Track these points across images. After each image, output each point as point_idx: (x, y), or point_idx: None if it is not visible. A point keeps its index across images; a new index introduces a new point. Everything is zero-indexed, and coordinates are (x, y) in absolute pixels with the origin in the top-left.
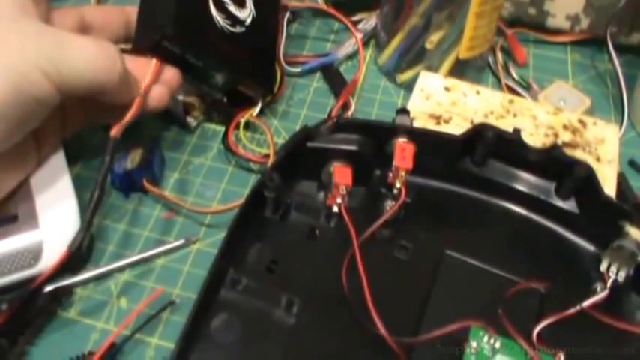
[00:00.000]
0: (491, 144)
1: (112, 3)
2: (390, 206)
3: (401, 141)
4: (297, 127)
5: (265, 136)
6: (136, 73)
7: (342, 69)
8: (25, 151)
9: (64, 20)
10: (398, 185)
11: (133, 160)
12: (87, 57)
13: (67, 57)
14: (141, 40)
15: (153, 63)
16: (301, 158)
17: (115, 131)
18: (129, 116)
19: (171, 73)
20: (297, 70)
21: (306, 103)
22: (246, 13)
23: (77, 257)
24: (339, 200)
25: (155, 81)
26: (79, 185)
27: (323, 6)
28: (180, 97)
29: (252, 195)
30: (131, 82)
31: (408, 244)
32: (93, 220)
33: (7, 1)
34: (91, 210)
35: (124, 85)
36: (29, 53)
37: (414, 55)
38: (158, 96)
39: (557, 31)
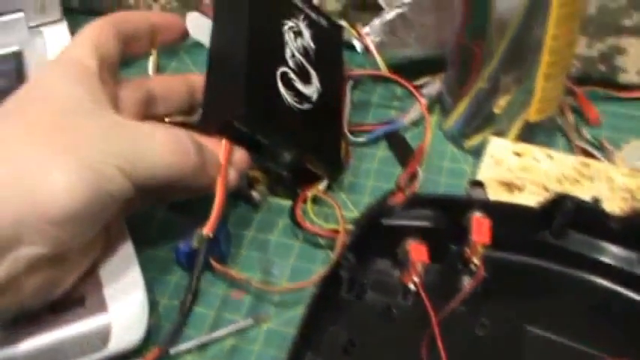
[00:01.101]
0: (570, 215)
1: (171, 71)
2: (467, 282)
3: (477, 215)
4: (365, 199)
5: (333, 209)
6: (209, 152)
7: (407, 136)
8: (93, 238)
9: (131, 95)
10: (475, 260)
11: (200, 238)
12: (161, 151)
13: (142, 152)
14: (208, 120)
15: (223, 144)
16: (376, 236)
17: (208, 229)
18: (216, 211)
19: (240, 154)
20: (362, 139)
21: (372, 174)
22: (313, 89)
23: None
24: (415, 278)
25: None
26: (144, 263)
27: (385, 72)
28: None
29: (326, 276)
30: (207, 167)
31: (488, 321)
32: (186, 320)
33: (79, 92)
34: (184, 311)
35: (199, 173)
36: (105, 149)
37: (481, 120)
38: (230, 179)
39: (630, 87)
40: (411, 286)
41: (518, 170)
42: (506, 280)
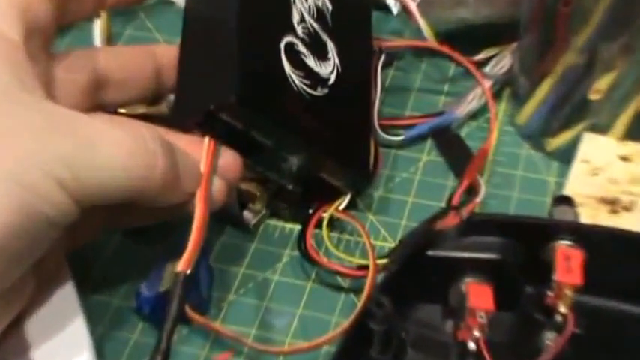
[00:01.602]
0: None
1: (128, 42)
2: (551, 340)
3: (563, 244)
4: (403, 223)
5: (358, 236)
6: (185, 158)
7: (463, 133)
8: (19, 280)
9: (72, 76)
10: (562, 309)
11: (168, 278)
12: (117, 155)
13: (89, 157)
14: (183, 110)
15: (205, 145)
16: (419, 273)
17: (183, 265)
18: (195, 240)
19: (229, 160)
20: (399, 138)
21: (413, 187)
22: (330, 68)
23: None
24: (476, 332)
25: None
26: (92, 314)
27: (432, 43)
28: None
29: (352, 329)
30: (180, 178)
31: None
32: None
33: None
34: None
35: (170, 186)
36: (36, 154)
37: (571, 110)
38: (214, 193)
39: None
40: (470, 345)
41: (625, 182)
42: (607, 337)
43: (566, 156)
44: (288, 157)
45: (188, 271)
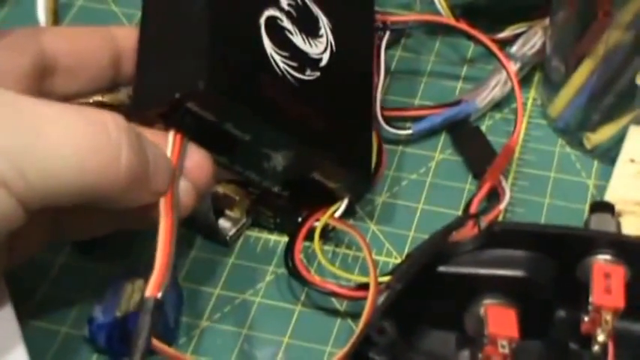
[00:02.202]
0: None
1: (77, 21)
2: None
3: (602, 260)
4: (411, 235)
5: (357, 250)
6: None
7: (483, 127)
8: None
9: (13, 60)
10: (601, 338)
11: (129, 298)
12: (72, 147)
13: (39, 149)
14: (145, 99)
15: (170, 141)
16: (430, 294)
17: (153, 290)
18: (164, 256)
19: (198, 159)
20: (406, 132)
21: (423, 191)
22: (322, 47)
23: None
24: None
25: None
26: (35, 343)
27: (447, 18)
28: None
29: (350, 358)
30: (150, 175)
31: None
32: None
33: None
34: None
35: (138, 181)
36: None
37: (614, 99)
38: (181, 198)
39: None
40: None
41: None
42: None
43: (608, 154)
44: (272, 154)
45: (159, 296)
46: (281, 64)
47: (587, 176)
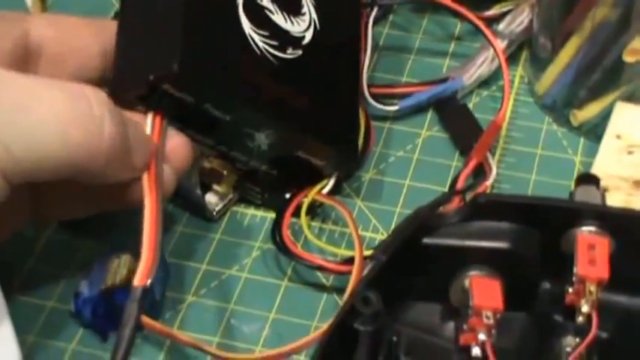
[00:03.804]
0: None
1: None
2: (571, 345)
3: (586, 231)
4: (397, 211)
5: (344, 226)
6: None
7: (470, 104)
8: None
9: None
10: (585, 309)
11: (115, 273)
12: (55, 120)
13: (18, 122)
14: (124, 83)
15: (148, 123)
16: (415, 266)
17: (142, 279)
18: (150, 245)
19: (177, 142)
20: (393, 108)
21: (410, 168)
22: (304, 25)
23: None
24: (481, 336)
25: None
26: (20, 319)
27: None
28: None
29: (333, 330)
30: (131, 149)
31: None
32: None
33: None
34: None
35: (119, 156)
36: None
37: (601, 76)
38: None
39: None
40: (474, 350)
41: None
42: (637, 341)
43: (595, 131)
44: (255, 133)
45: (148, 284)
46: (260, 44)
47: (574, 153)
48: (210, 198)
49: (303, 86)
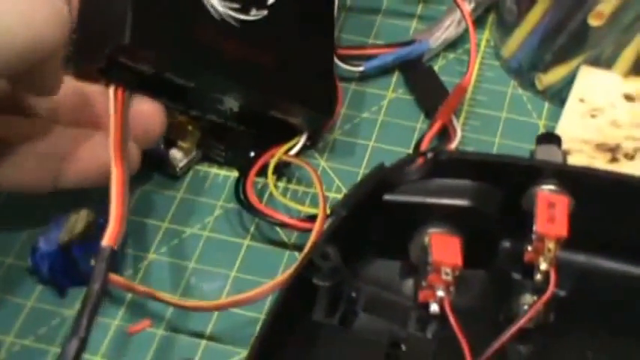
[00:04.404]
0: None
1: None
2: (529, 303)
3: (547, 190)
4: (360, 171)
5: (308, 185)
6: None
7: (436, 67)
8: None
9: None
10: (543, 266)
11: (72, 227)
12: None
13: None
14: (82, 58)
15: (111, 94)
16: (374, 222)
17: (109, 240)
18: (118, 210)
19: (147, 107)
20: (359, 69)
21: (375, 129)
22: None
23: None
24: (439, 292)
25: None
26: None
27: None
28: None
29: (291, 284)
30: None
31: None
32: None
33: None
34: None
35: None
36: None
37: (566, 40)
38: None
39: None
40: (433, 307)
41: (629, 125)
42: (597, 301)
43: (559, 95)
44: (223, 97)
45: (115, 247)
46: (220, 8)
47: (538, 117)
48: (175, 154)
49: (269, 47)
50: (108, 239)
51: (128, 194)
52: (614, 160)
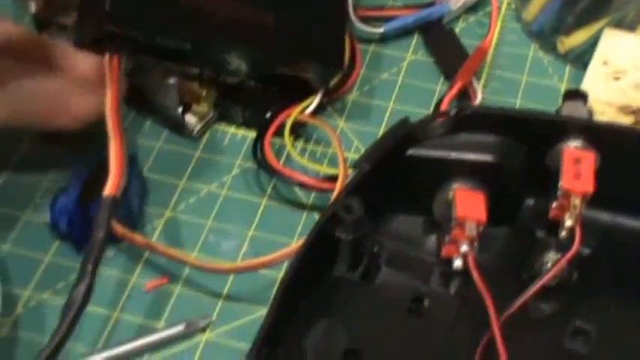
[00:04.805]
0: None
1: None
2: (553, 260)
3: (573, 146)
4: (380, 132)
5: (326, 146)
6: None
7: (456, 29)
8: None
9: None
10: (568, 223)
11: (91, 186)
12: None
13: None
14: (79, 30)
15: (106, 61)
16: (398, 177)
17: (111, 189)
18: (117, 161)
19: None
20: (379, 31)
21: (394, 91)
22: None
23: None
24: (464, 248)
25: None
26: None
27: None
28: (172, 81)
29: (314, 237)
30: None
31: (589, 327)
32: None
33: None
34: (70, 314)
35: None
36: None
37: (590, 2)
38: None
39: None
40: (456, 262)
41: None
42: (623, 259)
43: (581, 58)
44: (225, 57)
45: (117, 196)
46: None
47: (559, 80)
48: (190, 118)
49: (266, 4)
50: (109, 189)
51: (125, 149)
52: (637, 122)
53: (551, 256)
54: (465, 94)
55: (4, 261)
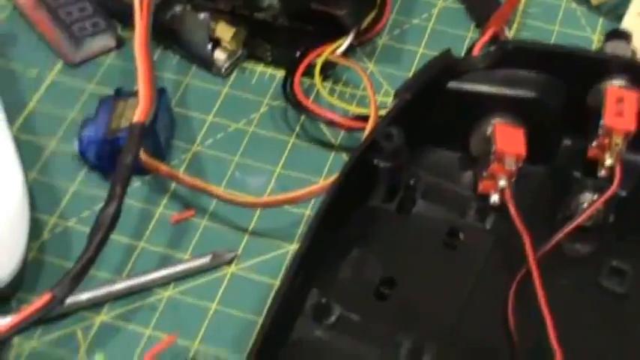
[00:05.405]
0: None
1: None
2: (589, 201)
3: (616, 84)
4: (410, 75)
5: (355, 87)
6: None
7: None
8: None
9: None
10: (608, 162)
11: (119, 117)
12: None
13: None
14: None
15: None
16: (437, 110)
17: (141, 116)
18: (146, 87)
19: None
20: None
21: (425, 36)
22: None
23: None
24: (501, 183)
25: None
26: (26, 159)
27: None
28: (202, 16)
29: (353, 165)
30: None
31: (626, 267)
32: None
33: None
34: (95, 241)
35: None
36: None
37: None
38: None
39: None
40: (493, 197)
41: None
42: None
43: (615, 11)
44: None
45: (146, 123)
46: None
47: (592, 32)
48: (219, 55)
49: None
50: (139, 116)
51: (154, 80)
52: None
53: (587, 197)
54: (496, 42)
55: (31, 189)
